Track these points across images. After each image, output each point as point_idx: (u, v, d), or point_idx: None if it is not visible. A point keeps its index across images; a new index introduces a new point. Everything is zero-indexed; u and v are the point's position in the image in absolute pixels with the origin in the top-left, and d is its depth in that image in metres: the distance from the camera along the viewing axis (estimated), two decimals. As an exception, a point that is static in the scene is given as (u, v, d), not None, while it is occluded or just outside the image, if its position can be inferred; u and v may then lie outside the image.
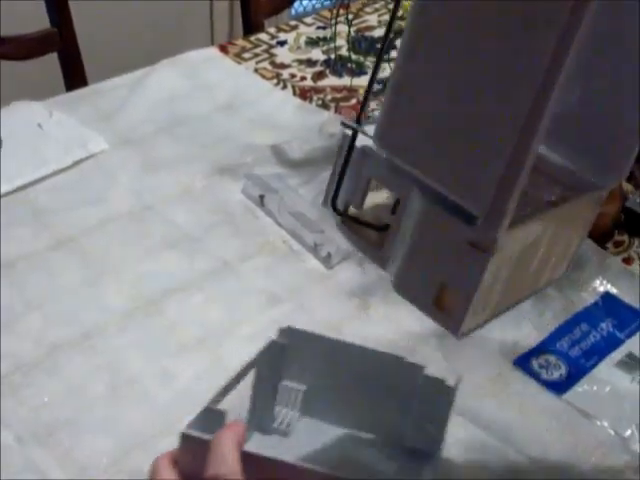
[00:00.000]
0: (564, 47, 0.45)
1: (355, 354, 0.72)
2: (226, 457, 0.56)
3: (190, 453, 0.59)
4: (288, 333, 0.73)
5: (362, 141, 0.57)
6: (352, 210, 0.60)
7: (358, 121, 0.57)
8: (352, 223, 0.60)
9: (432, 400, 0.70)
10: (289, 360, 0.73)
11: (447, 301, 0.55)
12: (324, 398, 0.74)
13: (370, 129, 0.56)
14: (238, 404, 0.69)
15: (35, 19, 1.53)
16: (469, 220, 0.51)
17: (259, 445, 0.70)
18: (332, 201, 0.59)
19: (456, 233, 0.50)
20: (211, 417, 0.61)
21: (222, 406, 0.63)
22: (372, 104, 1.04)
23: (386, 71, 1.28)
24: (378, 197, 0.59)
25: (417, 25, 0.52)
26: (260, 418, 0.73)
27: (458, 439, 0.78)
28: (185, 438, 0.60)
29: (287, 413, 0.75)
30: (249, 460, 0.56)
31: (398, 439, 0.74)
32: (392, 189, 0.56)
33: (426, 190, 0.52)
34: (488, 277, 0.54)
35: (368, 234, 0.60)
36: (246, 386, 0.70)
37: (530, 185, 0.53)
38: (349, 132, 0.57)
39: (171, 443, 0.76)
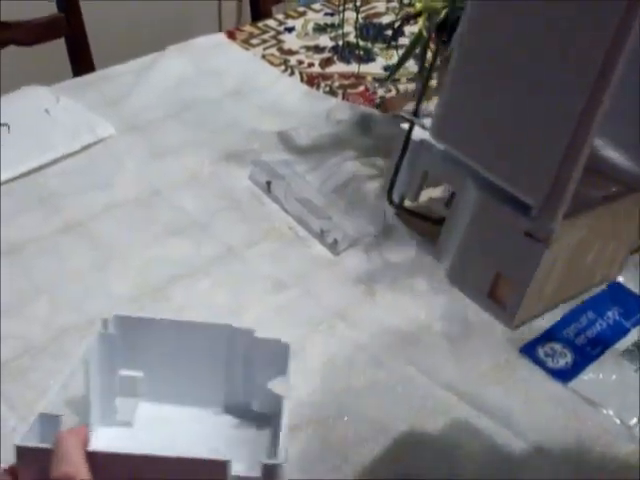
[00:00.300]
0: (618, 44, 0.45)
1: (186, 330, 0.72)
2: (70, 456, 0.53)
3: (29, 466, 0.54)
4: (115, 322, 0.71)
5: (419, 134, 0.56)
6: (407, 203, 0.60)
7: (415, 114, 0.57)
8: (407, 215, 0.60)
9: (269, 361, 0.71)
10: (122, 349, 0.71)
11: (501, 292, 0.55)
12: (165, 381, 0.73)
13: (427, 122, 0.56)
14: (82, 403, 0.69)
15: (42, 4, 1.53)
16: (525, 211, 0.50)
17: (104, 439, 0.69)
18: (388, 193, 0.59)
19: (512, 224, 0.50)
20: (47, 424, 0.59)
21: (60, 410, 0.60)
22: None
23: (394, 58, 1.28)
24: (433, 190, 0.59)
25: (476, 20, 0.51)
26: (102, 412, 0.71)
27: (463, 426, 0.78)
28: (21, 451, 0.55)
29: (128, 402, 0.73)
30: (95, 459, 0.54)
31: (245, 407, 0.73)
32: (448, 181, 0.56)
33: (481, 182, 0.52)
34: (543, 268, 0.54)
35: (422, 227, 0.60)
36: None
37: (586, 181, 0.52)
38: (406, 125, 0.57)
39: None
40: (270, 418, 0.72)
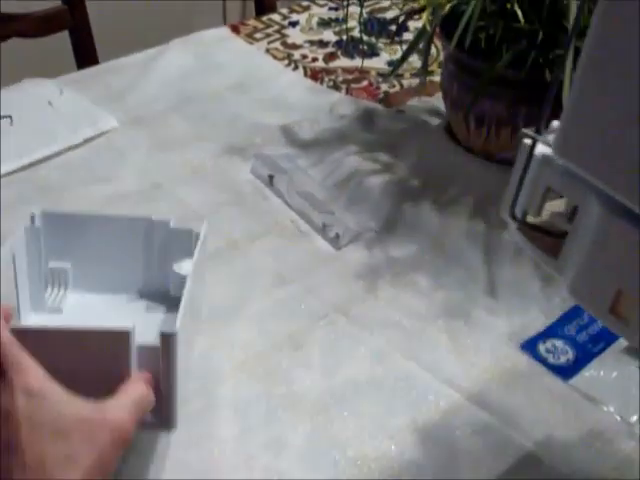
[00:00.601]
0: None
1: (108, 224, 0.79)
2: (10, 341, 0.55)
3: None
4: (42, 217, 0.77)
5: (541, 150, 0.57)
6: (530, 218, 0.61)
7: (538, 130, 0.58)
8: (529, 230, 0.61)
9: (184, 249, 0.77)
10: (50, 242, 0.77)
11: (623, 309, 0.54)
12: (90, 271, 0.79)
13: (550, 138, 0.57)
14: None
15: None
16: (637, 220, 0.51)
17: (33, 323, 0.76)
18: (511, 209, 0.60)
19: (634, 241, 0.50)
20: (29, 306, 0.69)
21: None
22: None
23: (398, 53, 1.28)
24: (555, 205, 0.60)
25: (603, 30, 0.51)
26: (32, 300, 0.77)
27: (463, 422, 0.78)
28: None
29: (57, 292, 0.80)
30: (22, 337, 0.57)
31: (164, 292, 0.80)
32: (570, 197, 0.57)
33: (604, 198, 0.52)
34: None
35: (545, 241, 0.60)
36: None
37: None
38: (528, 141, 0.58)
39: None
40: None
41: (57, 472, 0.52)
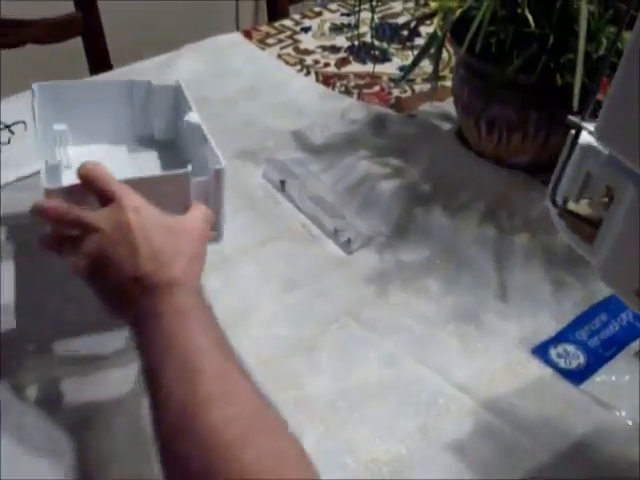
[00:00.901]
0: None
1: (99, 88, 0.97)
2: (110, 178, 0.72)
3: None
4: (38, 90, 0.91)
5: (584, 138, 0.60)
6: (571, 205, 0.63)
7: (583, 117, 0.60)
8: (569, 217, 0.63)
9: (166, 102, 0.96)
10: (48, 110, 0.89)
11: None
12: (85, 129, 0.93)
13: (591, 127, 0.59)
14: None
15: (60, 3, 1.53)
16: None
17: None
18: (552, 194, 0.63)
19: None
20: (52, 171, 0.80)
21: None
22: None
23: (409, 58, 1.28)
24: (594, 195, 0.62)
25: None
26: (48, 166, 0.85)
27: (474, 426, 0.78)
28: (50, 193, 0.73)
29: (62, 151, 0.92)
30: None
31: (151, 138, 0.98)
32: (608, 183, 0.59)
33: None
34: None
35: (582, 228, 0.62)
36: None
37: None
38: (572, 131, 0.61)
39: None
40: (172, 142, 0.97)
41: (168, 261, 0.68)
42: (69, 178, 0.80)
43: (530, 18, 0.91)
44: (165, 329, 0.64)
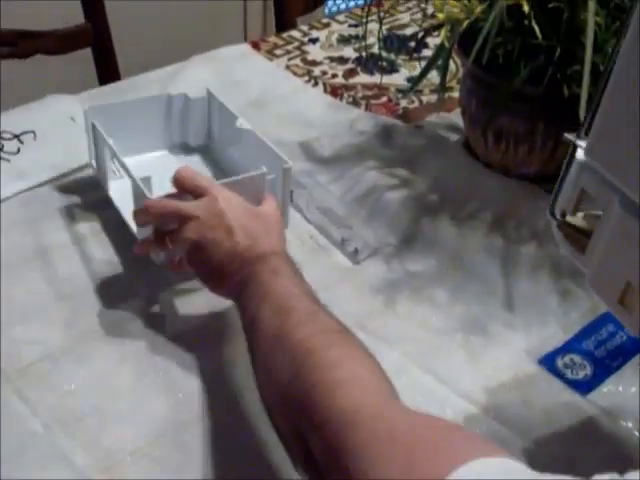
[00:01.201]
0: None
1: (141, 104, 1.08)
2: (200, 177, 0.84)
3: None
4: (91, 112, 1.01)
5: (580, 155, 0.64)
6: (569, 218, 0.67)
7: (578, 135, 0.63)
8: (566, 229, 0.66)
9: (201, 110, 1.10)
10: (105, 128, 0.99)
11: (629, 300, 0.60)
12: (134, 141, 1.04)
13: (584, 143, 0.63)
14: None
15: (70, 14, 1.54)
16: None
17: (119, 189, 1.00)
18: (551, 208, 0.66)
19: None
20: (146, 182, 0.88)
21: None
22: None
23: (417, 69, 1.29)
24: (592, 207, 0.65)
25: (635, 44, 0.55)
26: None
27: (480, 435, 0.78)
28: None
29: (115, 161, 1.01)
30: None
31: (186, 144, 1.13)
32: (598, 199, 0.62)
33: (625, 200, 0.58)
34: None
35: (579, 240, 0.66)
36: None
37: None
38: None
39: (196, 433, 0.77)
40: (205, 146, 1.13)
41: (261, 237, 0.80)
42: (122, 186, 0.97)
43: (537, 29, 0.91)
44: (262, 284, 0.75)
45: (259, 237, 0.80)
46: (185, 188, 0.84)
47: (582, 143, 0.63)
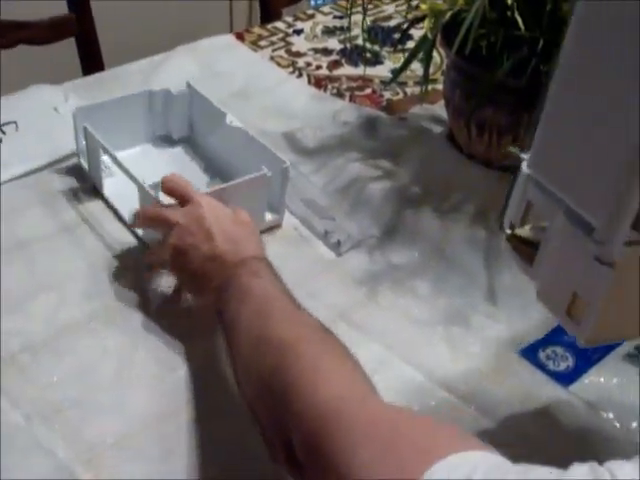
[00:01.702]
0: None
1: (125, 102, 1.08)
2: (186, 185, 0.87)
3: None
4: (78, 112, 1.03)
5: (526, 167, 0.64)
6: (519, 230, 0.67)
7: (522, 149, 0.64)
8: (515, 241, 0.67)
9: (182, 103, 1.12)
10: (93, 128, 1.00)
11: (576, 310, 0.60)
12: (120, 137, 1.06)
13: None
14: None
15: (53, 4, 1.53)
16: (589, 232, 0.56)
17: (114, 185, 1.03)
18: (500, 220, 0.66)
19: (586, 249, 0.55)
20: (153, 188, 0.91)
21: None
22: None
23: (401, 61, 1.28)
24: (539, 219, 0.66)
25: (570, 66, 0.56)
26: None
27: (463, 426, 0.78)
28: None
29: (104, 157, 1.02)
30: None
31: (168, 136, 1.14)
32: (544, 211, 0.62)
33: (568, 211, 0.58)
34: (613, 292, 0.57)
35: (526, 252, 0.66)
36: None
37: None
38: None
39: (177, 425, 0.77)
40: (186, 138, 1.15)
41: (242, 242, 0.82)
42: (113, 183, 1.03)
43: (520, 21, 0.91)
44: (242, 285, 0.76)
45: (240, 242, 0.82)
46: (173, 195, 0.87)
47: (526, 156, 0.63)
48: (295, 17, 1.56)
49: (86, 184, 1.05)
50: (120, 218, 1.00)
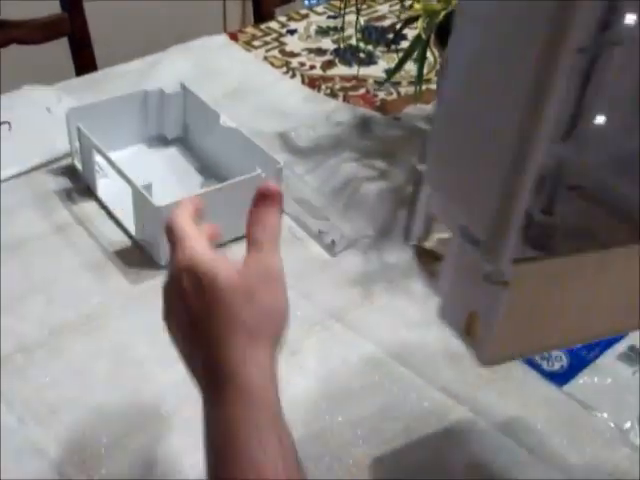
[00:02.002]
0: (551, 54, 0.45)
1: (119, 103, 1.09)
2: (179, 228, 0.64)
3: None
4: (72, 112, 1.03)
5: None
6: (427, 242, 0.65)
7: (422, 160, 0.62)
8: (422, 255, 0.65)
9: (176, 103, 1.11)
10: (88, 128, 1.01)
11: (475, 329, 0.57)
12: (114, 137, 1.07)
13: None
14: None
15: (46, 4, 1.53)
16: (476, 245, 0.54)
17: (106, 187, 1.03)
18: (405, 234, 0.65)
19: (479, 267, 0.53)
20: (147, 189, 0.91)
21: None
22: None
23: (395, 61, 1.28)
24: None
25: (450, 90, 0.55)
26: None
27: (458, 428, 0.78)
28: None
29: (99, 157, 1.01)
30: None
31: (162, 136, 1.14)
32: (444, 224, 0.61)
33: (462, 228, 0.56)
34: (514, 309, 0.56)
35: (434, 265, 0.64)
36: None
37: (596, 222, 0.54)
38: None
39: (171, 426, 0.77)
40: (180, 138, 1.14)
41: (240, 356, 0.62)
42: (107, 184, 1.02)
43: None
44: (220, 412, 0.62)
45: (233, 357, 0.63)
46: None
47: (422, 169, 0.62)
48: (289, 17, 1.55)
49: (80, 184, 1.05)
50: (114, 218, 0.99)
